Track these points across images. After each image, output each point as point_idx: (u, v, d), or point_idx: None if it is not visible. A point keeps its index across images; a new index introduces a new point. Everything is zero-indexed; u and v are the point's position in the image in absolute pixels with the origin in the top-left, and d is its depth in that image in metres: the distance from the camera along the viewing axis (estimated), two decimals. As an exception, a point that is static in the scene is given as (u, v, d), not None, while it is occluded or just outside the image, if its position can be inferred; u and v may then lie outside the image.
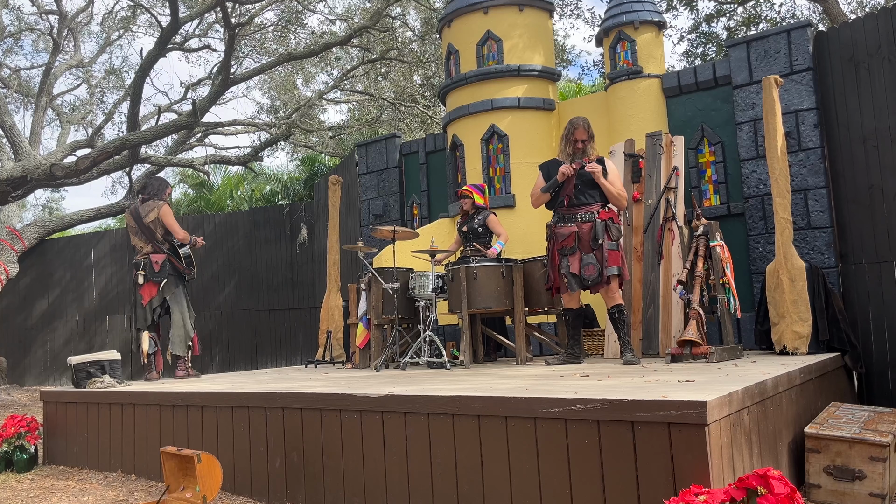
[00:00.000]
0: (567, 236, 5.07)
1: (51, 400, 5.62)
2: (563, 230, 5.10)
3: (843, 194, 5.75)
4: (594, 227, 5.01)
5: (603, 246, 4.97)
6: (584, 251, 5.02)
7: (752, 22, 13.55)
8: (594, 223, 5.02)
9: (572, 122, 5.24)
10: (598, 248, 4.98)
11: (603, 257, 4.96)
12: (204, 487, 3.63)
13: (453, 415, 3.27)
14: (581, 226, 5.05)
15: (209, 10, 11.54)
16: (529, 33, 7.45)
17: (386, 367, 5.91)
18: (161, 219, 6.19)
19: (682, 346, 4.92)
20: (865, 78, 5.65)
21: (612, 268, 4.96)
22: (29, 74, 15.29)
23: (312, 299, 11.09)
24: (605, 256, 4.96)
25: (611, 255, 4.97)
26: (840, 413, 3.98)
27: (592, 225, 5.02)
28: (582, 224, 5.05)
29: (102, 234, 12.61)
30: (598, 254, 4.98)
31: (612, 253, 4.98)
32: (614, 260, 4.98)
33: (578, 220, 5.07)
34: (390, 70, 14.22)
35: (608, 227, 5.03)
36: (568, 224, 5.10)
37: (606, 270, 4.95)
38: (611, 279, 4.99)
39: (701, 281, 5.17)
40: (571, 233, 5.06)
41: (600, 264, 4.97)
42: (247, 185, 17.16)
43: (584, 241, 5.03)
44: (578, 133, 5.15)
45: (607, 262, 4.96)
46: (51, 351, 12.23)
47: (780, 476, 2.46)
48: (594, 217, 5.04)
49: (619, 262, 5.00)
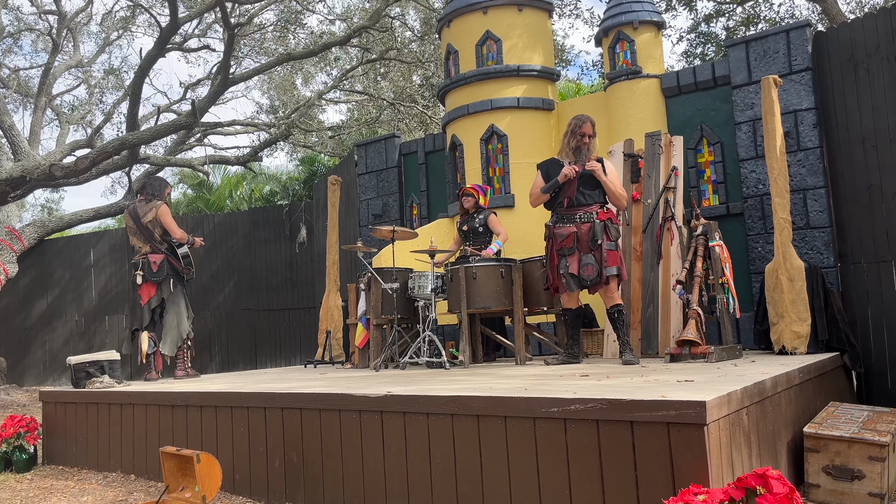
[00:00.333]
0: (566, 237, 5.07)
1: (50, 400, 5.62)
2: (562, 230, 5.10)
3: (842, 194, 5.75)
4: (593, 228, 5.01)
5: (602, 246, 4.97)
6: (582, 251, 5.02)
7: (751, 22, 13.56)
8: (593, 224, 5.02)
9: (579, 117, 5.24)
10: (597, 249, 4.98)
11: (602, 257, 4.96)
12: (203, 487, 3.63)
13: (453, 415, 3.27)
14: (580, 226, 5.05)
15: (208, 10, 11.54)
16: (529, 33, 7.45)
17: (385, 367, 5.91)
18: (159, 219, 6.19)
19: (682, 345, 4.92)
20: (864, 78, 5.65)
21: (611, 268, 4.96)
22: (28, 74, 15.29)
23: (312, 299, 11.09)
24: (604, 257, 4.96)
25: (609, 255, 4.97)
26: (839, 413, 3.99)
27: (591, 225, 5.02)
28: (581, 224, 5.05)
29: (102, 234, 12.61)
30: (596, 254, 4.98)
31: (611, 253, 4.99)
32: (613, 260, 4.98)
33: (577, 221, 5.07)
34: (389, 70, 14.22)
35: (607, 228, 5.03)
36: (567, 224, 5.10)
37: (605, 271, 4.95)
38: (609, 279, 4.99)
39: (700, 281, 5.18)
40: (570, 233, 5.06)
41: (599, 265, 4.97)
42: (246, 185, 17.17)
43: (582, 242, 5.03)
44: (585, 127, 5.16)
45: (606, 262, 4.96)
46: (50, 351, 12.23)
47: (779, 476, 2.47)
48: (593, 217, 5.04)
49: (617, 262, 5.00)
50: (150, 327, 6.23)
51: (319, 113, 16.05)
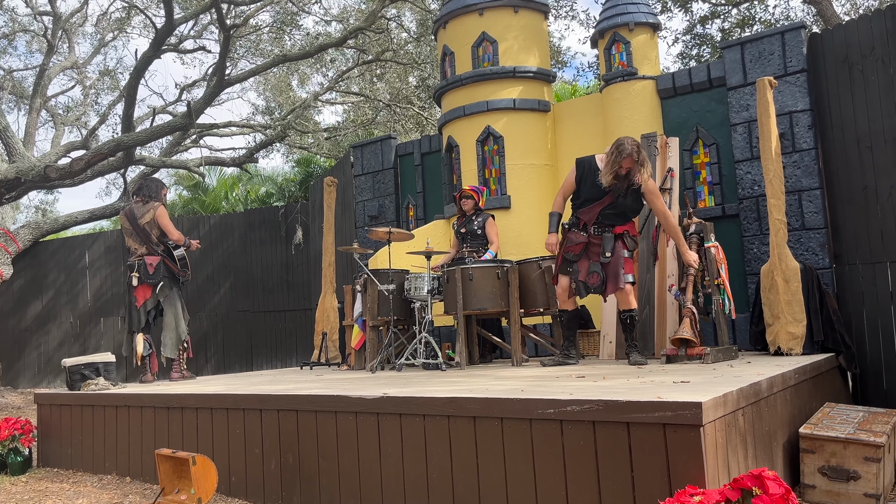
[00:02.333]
0: (576, 243, 5.14)
1: (45, 402, 5.60)
2: (575, 237, 5.14)
3: (837, 195, 5.76)
4: (603, 241, 5.06)
5: (612, 257, 5.01)
6: (591, 259, 5.07)
7: (746, 24, 13.60)
8: (603, 237, 5.07)
9: (630, 142, 4.89)
10: (607, 261, 5.01)
11: (617, 266, 5.00)
12: (199, 490, 3.62)
13: (449, 416, 3.27)
14: (592, 237, 5.09)
15: (204, 12, 11.52)
16: (524, 35, 7.46)
17: (381, 369, 5.91)
18: (156, 220, 6.17)
19: (677, 344, 4.93)
20: (859, 79, 5.67)
21: (628, 275, 5.02)
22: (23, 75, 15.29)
23: (308, 301, 11.07)
24: (621, 264, 5.00)
25: (626, 262, 5.03)
26: (835, 413, 3.99)
27: (602, 238, 5.07)
28: (593, 237, 5.09)
29: (97, 235, 12.57)
30: (608, 266, 5.02)
31: (628, 261, 5.05)
32: (629, 268, 5.04)
33: (591, 232, 5.10)
34: (386, 71, 14.22)
35: (623, 239, 5.08)
36: (580, 233, 5.13)
37: (623, 278, 4.99)
38: (625, 286, 5.03)
39: (693, 278, 5.18)
40: (581, 242, 5.11)
41: (605, 273, 5.02)
42: (242, 187, 17.14)
43: (592, 252, 5.11)
44: (626, 162, 4.85)
45: (623, 269, 5.01)
46: (45, 353, 12.19)
47: (775, 476, 2.47)
48: (608, 232, 5.08)
49: (632, 270, 5.08)
50: (146, 329, 6.21)
51: (315, 114, 16.05)
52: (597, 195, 5.04)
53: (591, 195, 5.06)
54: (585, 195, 5.11)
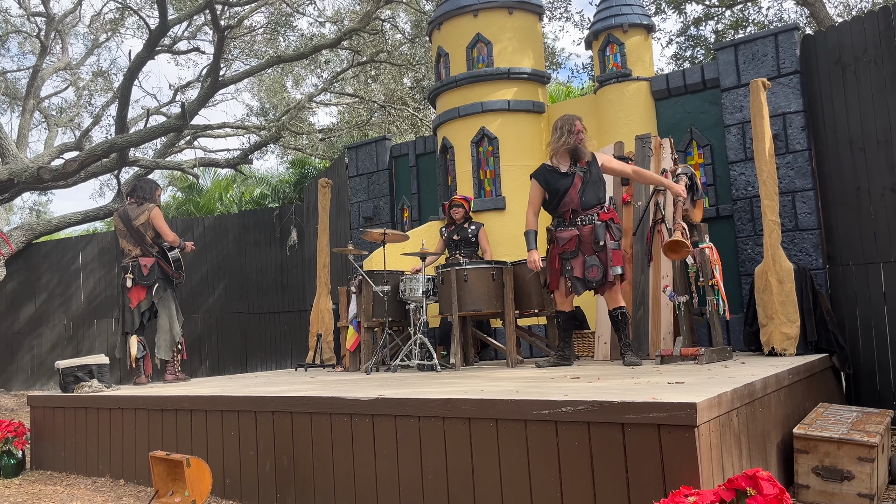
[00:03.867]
0: (568, 240, 5.11)
1: (38, 405, 5.57)
2: (564, 234, 5.13)
3: (831, 196, 5.79)
4: (595, 230, 5.04)
5: (606, 247, 5.00)
6: (586, 253, 5.06)
7: (739, 25, 13.64)
8: (594, 225, 5.05)
9: (567, 117, 5.21)
10: (602, 250, 5.00)
11: (608, 258, 4.99)
12: (193, 492, 3.61)
13: (444, 417, 3.27)
14: (581, 229, 5.09)
15: (198, 13, 11.49)
16: (519, 36, 7.47)
17: (376, 370, 5.90)
18: (151, 221, 6.16)
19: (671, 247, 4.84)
20: (852, 81, 5.69)
21: (617, 267, 5.01)
22: (16, 76, 15.19)
23: (302, 302, 11.06)
24: (610, 257, 5.00)
25: (614, 254, 5.03)
26: (828, 414, 4.01)
27: (593, 227, 5.05)
28: (582, 227, 5.09)
29: (90, 237, 12.52)
30: (601, 255, 5.01)
31: (616, 252, 5.04)
32: (618, 259, 5.03)
33: (579, 224, 5.10)
34: (380, 73, 14.22)
35: (609, 228, 5.08)
36: (569, 228, 5.13)
37: (612, 270, 4.99)
38: (615, 279, 5.02)
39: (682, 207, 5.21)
40: (573, 236, 5.10)
41: (604, 265, 5.00)
42: (236, 188, 17.10)
43: (585, 244, 5.07)
44: (579, 125, 5.16)
45: (612, 262, 5.00)
46: (38, 355, 12.14)
47: (769, 477, 2.48)
48: (594, 220, 5.07)
49: (621, 261, 5.06)
50: (140, 331, 6.19)
51: (310, 115, 16.03)
52: (566, 184, 5.12)
53: (561, 187, 5.12)
54: (557, 191, 5.15)
